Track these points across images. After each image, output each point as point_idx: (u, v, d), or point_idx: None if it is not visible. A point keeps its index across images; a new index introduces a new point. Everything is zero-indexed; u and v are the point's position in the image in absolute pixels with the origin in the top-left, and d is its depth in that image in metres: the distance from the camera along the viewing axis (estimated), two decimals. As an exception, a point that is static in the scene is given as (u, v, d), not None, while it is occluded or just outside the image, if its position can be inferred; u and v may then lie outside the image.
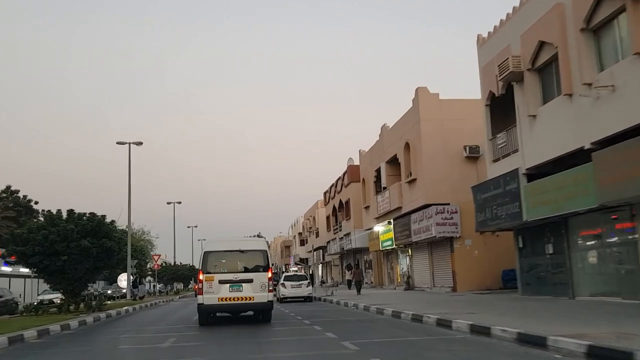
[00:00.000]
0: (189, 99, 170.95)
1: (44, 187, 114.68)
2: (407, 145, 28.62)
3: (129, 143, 33.59)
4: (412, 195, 28.22)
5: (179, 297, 46.00)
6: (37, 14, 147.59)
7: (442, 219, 26.03)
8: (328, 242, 53.35)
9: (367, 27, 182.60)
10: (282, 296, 27.98)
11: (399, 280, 35.09)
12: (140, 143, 33.91)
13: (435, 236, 26.16)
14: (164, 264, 59.39)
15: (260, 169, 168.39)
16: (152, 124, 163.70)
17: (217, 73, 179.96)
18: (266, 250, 15.55)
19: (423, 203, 26.75)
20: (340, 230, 47.22)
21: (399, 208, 30.33)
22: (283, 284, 28.38)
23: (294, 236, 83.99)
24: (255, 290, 14.61)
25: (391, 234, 32.97)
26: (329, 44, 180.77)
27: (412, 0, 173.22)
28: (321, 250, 60.93)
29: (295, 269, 52.53)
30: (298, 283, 28.47)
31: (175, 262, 59.87)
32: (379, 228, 35.66)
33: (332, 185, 50.69)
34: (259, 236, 50.13)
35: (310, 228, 67.17)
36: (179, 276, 56.77)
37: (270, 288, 14.88)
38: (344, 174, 45.03)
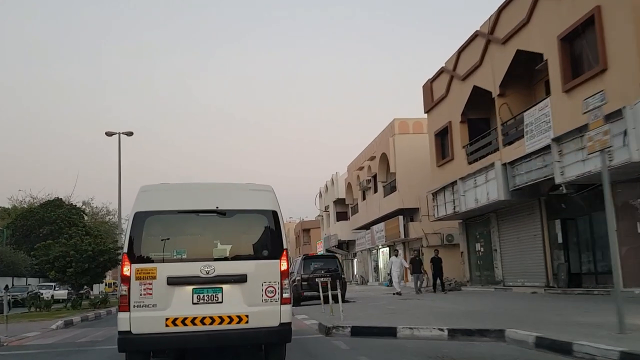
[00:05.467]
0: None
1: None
2: None
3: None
4: None
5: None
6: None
7: None
8: (437, 192, 23.19)
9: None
10: None
11: None
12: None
13: None
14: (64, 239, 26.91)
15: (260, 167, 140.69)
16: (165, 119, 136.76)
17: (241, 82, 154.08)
18: (276, 212, 6.55)
19: None
20: (533, 138, 17.03)
21: None
22: None
23: (324, 208, 53.17)
24: (253, 301, 6.17)
25: None
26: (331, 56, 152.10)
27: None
28: (401, 217, 30.57)
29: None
30: None
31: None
32: None
33: (472, 39, 20.35)
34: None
35: (369, 181, 36.64)
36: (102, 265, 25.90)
37: (286, 295, 6.24)
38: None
